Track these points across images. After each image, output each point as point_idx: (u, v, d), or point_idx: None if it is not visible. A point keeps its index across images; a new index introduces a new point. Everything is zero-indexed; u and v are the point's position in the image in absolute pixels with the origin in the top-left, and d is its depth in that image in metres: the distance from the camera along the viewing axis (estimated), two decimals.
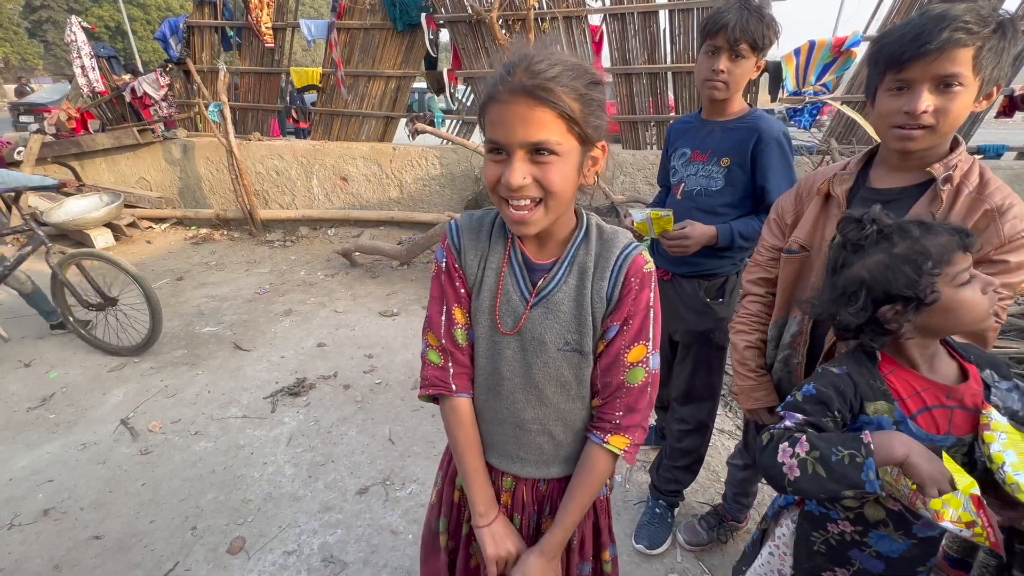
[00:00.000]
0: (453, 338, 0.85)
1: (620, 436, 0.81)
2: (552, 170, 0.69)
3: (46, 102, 10.72)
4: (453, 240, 0.85)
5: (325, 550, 1.71)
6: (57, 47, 27.79)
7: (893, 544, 0.87)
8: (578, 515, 0.85)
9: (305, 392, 2.59)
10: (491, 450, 0.90)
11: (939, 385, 0.82)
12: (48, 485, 2.00)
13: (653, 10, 4.12)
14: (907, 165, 0.96)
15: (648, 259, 0.80)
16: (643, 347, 0.80)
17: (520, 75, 0.66)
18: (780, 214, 1.18)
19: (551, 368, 0.82)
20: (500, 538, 0.86)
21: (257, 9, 5.09)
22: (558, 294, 0.80)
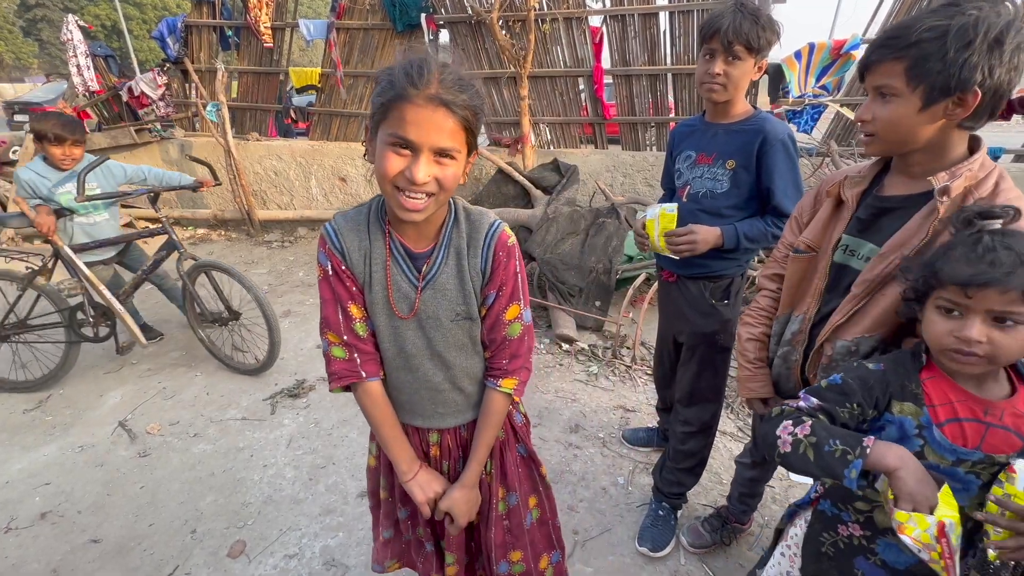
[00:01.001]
0: (354, 332, 0.94)
1: (509, 378, 0.97)
2: (449, 171, 0.80)
3: (41, 101, 10.66)
4: (334, 243, 0.92)
5: (327, 553, 1.70)
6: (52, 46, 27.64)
7: (900, 556, 0.86)
8: (486, 449, 1.01)
9: (305, 394, 2.57)
10: (413, 414, 1.03)
11: (977, 399, 0.80)
12: (45, 488, 1.98)
13: (653, 12, 4.12)
14: (912, 172, 0.96)
15: (510, 234, 0.94)
16: (516, 306, 0.95)
17: (436, 86, 0.75)
18: (799, 213, 1.20)
19: (449, 337, 0.95)
20: (425, 484, 1.00)
21: (256, 9, 5.07)
22: (441, 276, 0.92)
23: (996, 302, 0.73)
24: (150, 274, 2.65)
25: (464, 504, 1.00)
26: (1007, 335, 0.74)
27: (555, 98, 4.68)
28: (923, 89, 0.86)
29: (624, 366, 2.80)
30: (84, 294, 2.49)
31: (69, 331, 2.53)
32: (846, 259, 1.05)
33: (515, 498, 1.09)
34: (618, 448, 2.19)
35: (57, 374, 2.57)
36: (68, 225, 2.51)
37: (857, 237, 1.03)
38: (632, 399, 2.54)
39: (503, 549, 1.10)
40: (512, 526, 1.11)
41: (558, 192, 3.92)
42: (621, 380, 2.70)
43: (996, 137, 4.46)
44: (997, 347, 0.74)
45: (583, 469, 2.07)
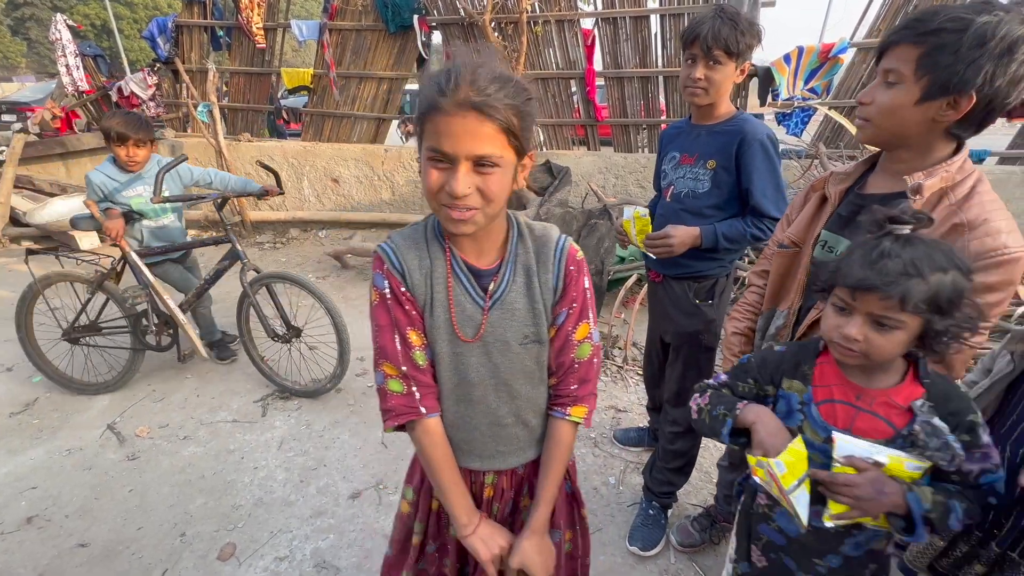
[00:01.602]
0: (413, 362, 0.85)
1: (579, 406, 0.90)
2: (492, 180, 0.73)
3: (29, 101, 10.53)
4: (393, 264, 0.84)
5: (317, 556, 1.69)
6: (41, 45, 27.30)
7: (790, 524, 0.94)
8: (556, 487, 0.92)
9: (296, 396, 2.56)
10: (469, 455, 0.93)
11: (852, 384, 0.86)
12: (32, 492, 1.95)
13: (644, 15, 4.15)
14: (894, 169, 0.97)
15: (578, 248, 0.89)
16: (587, 325, 0.88)
17: (466, 90, 0.69)
18: (790, 210, 1.22)
19: (516, 363, 0.87)
20: (489, 538, 0.89)
21: (248, 9, 5.05)
22: (510, 294, 0.85)
23: (876, 307, 0.77)
24: (212, 284, 2.53)
25: (539, 555, 0.89)
26: (882, 336, 0.78)
27: (547, 100, 4.70)
28: (926, 81, 0.85)
29: (616, 366, 2.82)
30: (148, 302, 2.44)
31: (134, 337, 2.50)
32: (824, 255, 1.06)
33: (557, 535, 1.01)
34: (609, 448, 2.20)
35: (123, 379, 2.54)
36: (136, 227, 2.45)
37: (836, 233, 1.05)
38: (623, 399, 2.55)
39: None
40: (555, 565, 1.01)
41: (550, 193, 3.93)
42: (613, 380, 2.71)
43: (981, 140, 4.54)
44: (871, 346, 0.79)
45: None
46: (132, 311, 2.44)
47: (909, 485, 0.78)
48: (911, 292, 0.73)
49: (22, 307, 2.50)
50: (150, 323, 2.48)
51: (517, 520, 0.99)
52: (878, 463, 0.78)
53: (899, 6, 3.65)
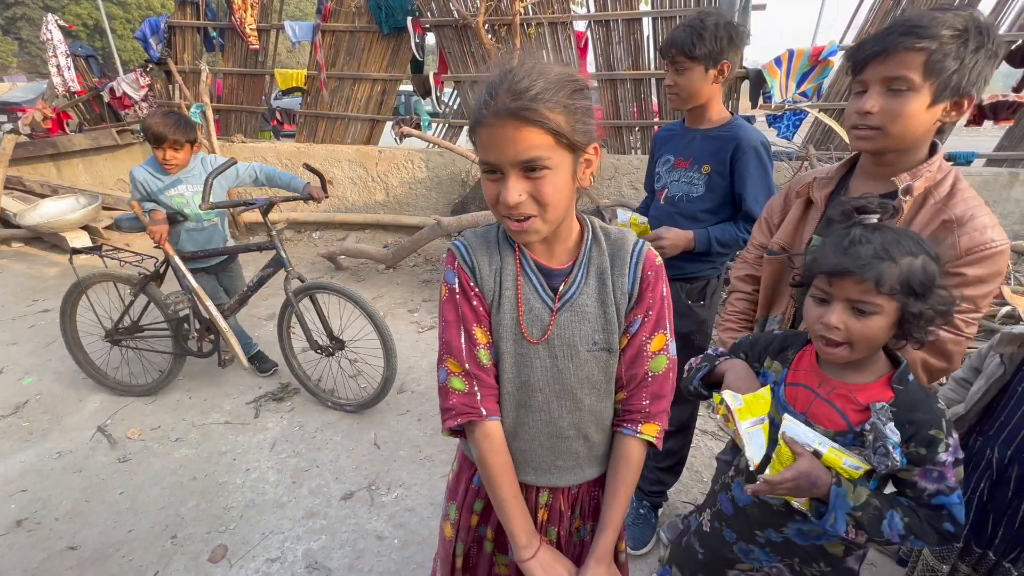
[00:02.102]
0: (477, 360, 0.81)
1: (651, 424, 0.83)
2: (545, 184, 0.70)
3: (20, 101, 10.45)
4: (465, 259, 0.83)
5: (309, 556, 1.69)
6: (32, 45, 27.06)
7: (742, 495, 0.98)
8: (623, 512, 0.85)
9: (289, 397, 2.56)
10: (525, 467, 0.88)
11: (819, 373, 0.89)
12: (21, 495, 1.94)
13: (637, 17, 4.18)
14: (880, 172, 0.98)
15: (657, 253, 0.84)
16: (663, 335, 0.83)
17: (503, 97, 0.67)
18: (769, 214, 1.22)
19: (582, 371, 0.82)
20: (549, 566, 0.82)
21: (241, 10, 5.04)
22: (581, 296, 0.81)
23: (853, 291, 0.78)
24: (255, 291, 2.45)
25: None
26: (861, 323, 0.79)
27: None
28: (934, 86, 0.85)
29: None
30: (191, 306, 2.40)
31: (175, 342, 2.46)
32: None
33: None
34: None
35: (164, 382, 2.52)
36: (175, 228, 2.36)
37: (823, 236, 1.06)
38: None
39: None
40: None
41: None
42: None
43: (969, 141, 4.59)
44: (852, 334, 0.80)
45: None
46: (174, 315, 2.40)
47: (838, 479, 0.80)
48: (884, 274, 0.76)
49: (66, 305, 2.49)
50: (191, 328, 2.44)
51: (569, 546, 0.93)
52: (817, 452, 0.81)
53: (888, 9, 3.69)
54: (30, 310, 3.55)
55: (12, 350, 2.99)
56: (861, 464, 0.80)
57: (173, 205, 2.31)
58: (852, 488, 0.80)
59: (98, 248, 2.36)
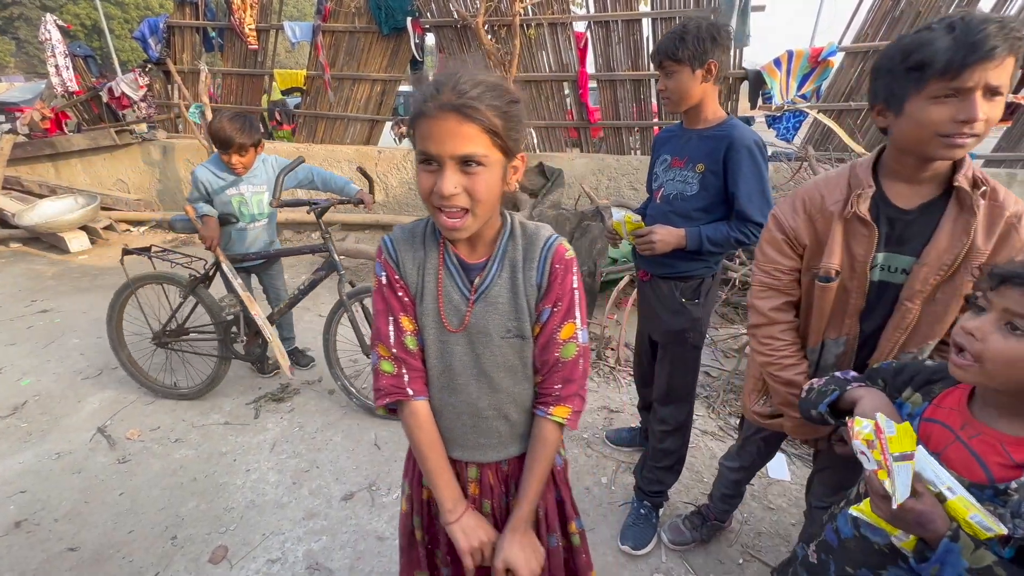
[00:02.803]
0: (404, 345, 0.89)
1: (561, 406, 0.90)
2: (479, 180, 0.76)
3: (18, 101, 10.41)
4: (390, 254, 0.90)
5: (310, 557, 1.69)
6: (30, 44, 26.99)
7: (846, 526, 0.91)
8: (539, 485, 0.92)
9: (289, 398, 2.56)
10: (452, 444, 0.95)
11: (964, 414, 0.78)
12: (20, 496, 1.94)
13: (636, 18, 4.19)
14: (923, 177, 0.95)
15: (568, 247, 0.89)
16: (572, 324, 0.89)
17: (448, 94, 0.73)
18: (792, 234, 1.10)
19: (498, 356, 0.89)
20: (471, 530, 0.90)
21: (240, 10, 5.03)
22: (495, 288, 0.88)
23: (1015, 303, 0.69)
24: (306, 294, 2.41)
25: (521, 552, 0.89)
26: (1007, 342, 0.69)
27: (540, 102, 4.72)
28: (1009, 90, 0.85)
29: (608, 367, 2.83)
30: (240, 310, 2.39)
31: (222, 345, 2.44)
32: (887, 276, 1.02)
33: (555, 539, 1.02)
34: (601, 448, 2.21)
35: (208, 386, 2.49)
36: (227, 230, 2.36)
37: (889, 252, 1.01)
38: (616, 400, 2.57)
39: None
40: (552, 567, 1.01)
41: (544, 195, 3.95)
42: (605, 381, 2.73)
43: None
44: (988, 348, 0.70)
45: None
46: (222, 319, 2.39)
47: (956, 532, 0.68)
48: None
49: (114, 306, 2.48)
50: (240, 332, 2.43)
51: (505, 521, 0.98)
52: (941, 495, 0.70)
53: (887, 11, 3.71)
54: (28, 310, 3.54)
55: (10, 351, 2.99)
56: (994, 526, 0.67)
57: (231, 205, 2.31)
58: (972, 548, 0.67)
59: (148, 249, 2.34)
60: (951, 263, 0.94)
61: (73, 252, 4.68)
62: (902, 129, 0.92)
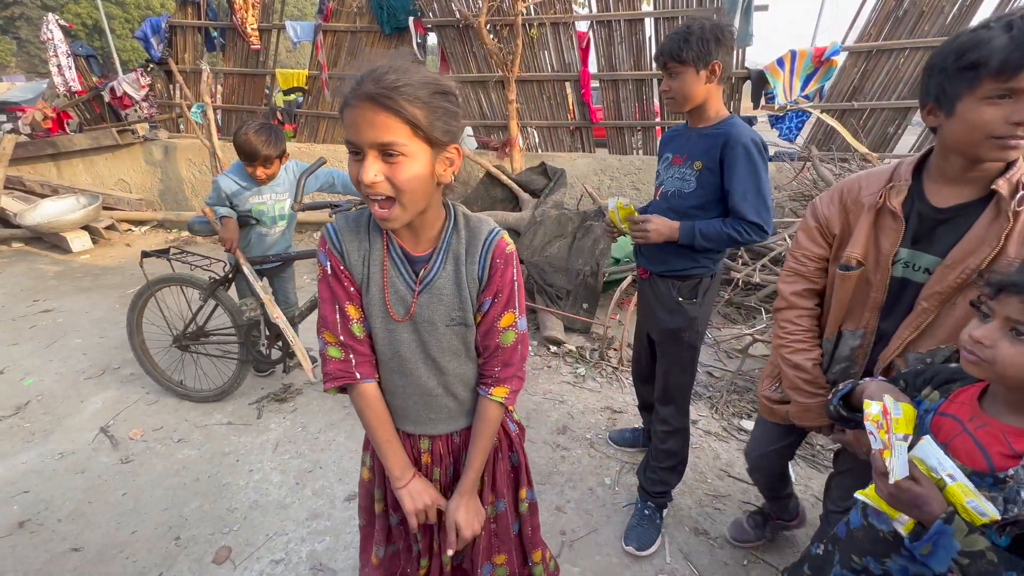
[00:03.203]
0: (351, 332, 0.93)
1: (501, 387, 0.97)
2: (400, 169, 0.77)
3: (20, 101, 10.42)
4: (334, 244, 0.92)
5: (314, 558, 1.69)
6: (31, 44, 27.01)
7: (856, 516, 0.93)
8: (482, 456, 1.00)
9: (292, 398, 2.55)
10: (405, 420, 1.01)
11: (974, 407, 0.80)
12: (23, 496, 1.94)
13: (639, 18, 4.18)
14: (971, 178, 0.93)
15: (509, 242, 0.93)
16: (511, 314, 0.94)
17: (368, 84, 0.75)
18: (824, 223, 1.12)
19: (443, 342, 0.94)
20: (417, 493, 0.98)
21: (242, 10, 5.03)
22: (439, 280, 0.91)
23: (1016, 310, 0.71)
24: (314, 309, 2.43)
25: (464, 513, 0.99)
26: (1015, 347, 0.71)
27: (543, 102, 4.72)
28: None
29: (611, 367, 2.83)
30: (261, 313, 2.36)
31: (243, 348, 2.41)
32: (907, 273, 1.02)
33: (503, 504, 1.10)
34: (605, 449, 2.21)
35: (229, 389, 2.48)
36: (247, 233, 2.36)
37: (914, 249, 1.00)
38: (619, 400, 2.56)
39: (488, 552, 1.09)
40: (499, 530, 1.11)
41: (546, 195, 3.95)
42: (608, 381, 2.73)
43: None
44: (998, 354, 0.72)
45: (571, 470, 2.09)
46: (244, 322, 2.37)
47: (950, 515, 0.71)
48: None
49: (134, 308, 2.47)
50: (261, 335, 2.42)
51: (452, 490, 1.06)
52: (942, 481, 0.72)
53: (890, 10, 3.70)
54: (30, 310, 3.54)
55: (13, 350, 2.99)
56: (988, 511, 0.70)
57: (252, 211, 2.30)
58: (965, 531, 0.70)
59: (166, 251, 2.33)
60: (975, 267, 0.91)
61: (75, 252, 4.68)
62: (953, 130, 0.90)
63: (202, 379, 2.56)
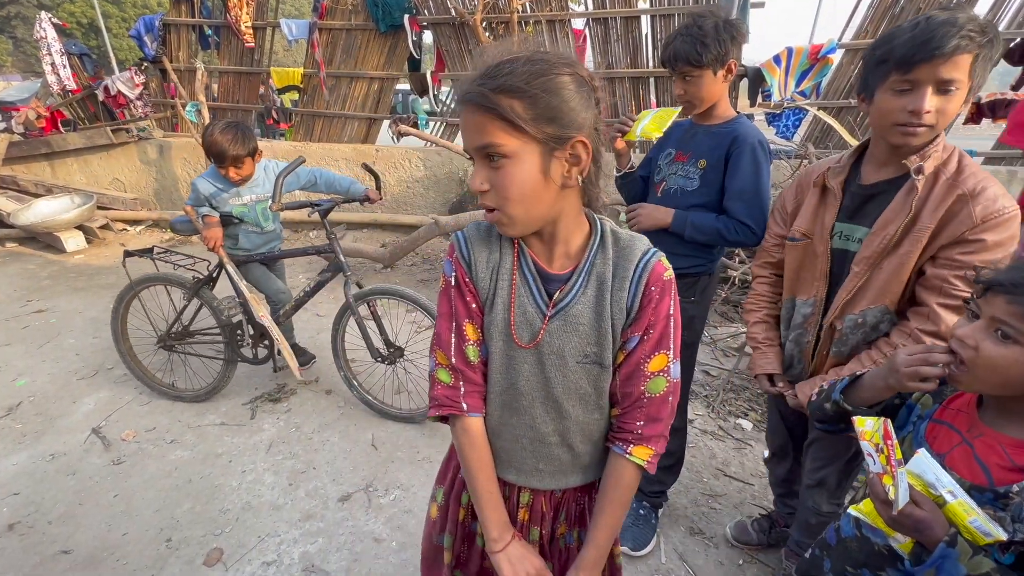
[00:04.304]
0: (464, 355, 0.82)
1: (643, 447, 0.79)
2: (503, 175, 0.69)
3: (14, 100, 10.36)
4: (462, 252, 0.81)
5: (306, 559, 1.67)
6: (26, 43, 26.88)
7: (848, 525, 0.92)
8: (611, 531, 0.83)
9: (286, 398, 2.54)
10: (508, 466, 0.88)
11: (971, 416, 0.78)
12: (14, 498, 1.92)
13: (635, 15, 4.16)
14: (893, 159, 1.04)
15: (668, 266, 0.78)
16: (664, 356, 0.78)
17: (468, 83, 0.68)
18: (783, 204, 1.28)
19: (570, 381, 0.80)
20: (517, 560, 0.82)
21: (236, 8, 5.00)
22: (576, 306, 0.77)
23: (1002, 310, 0.69)
24: (312, 296, 2.38)
25: None
26: (997, 349, 0.70)
27: None
28: (971, 86, 0.92)
29: None
30: (244, 313, 2.35)
31: (228, 348, 2.39)
32: (844, 244, 1.14)
33: None
34: None
35: (215, 388, 2.46)
36: (231, 229, 2.32)
37: (849, 223, 1.13)
38: None
39: None
40: None
41: None
42: None
43: (967, 141, 4.59)
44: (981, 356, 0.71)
45: None
46: (228, 321, 2.35)
47: (953, 538, 0.67)
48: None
49: (118, 308, 2.45)
50: (245, 334, 2.40)
51: (554, 551, 0.93)
52: (941, 499, 0.69)
53: (887, 7, 3.69)
54: (24, 311, 3.52)
55: (5, 351, 2.96)
56: (993, 531, 0.66)
57: (234, 213, 2.27)
58: (969, 554, 0.66)
59: (150, 251, 2.31)
60: (894, 233, 1.03)
61: (69, 251, 4.66)
62: (872, 115, 1.03)
63: (192, 378, 2.54)
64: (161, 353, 2.54)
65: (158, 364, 2.57)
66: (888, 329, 1.10)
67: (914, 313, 1.06)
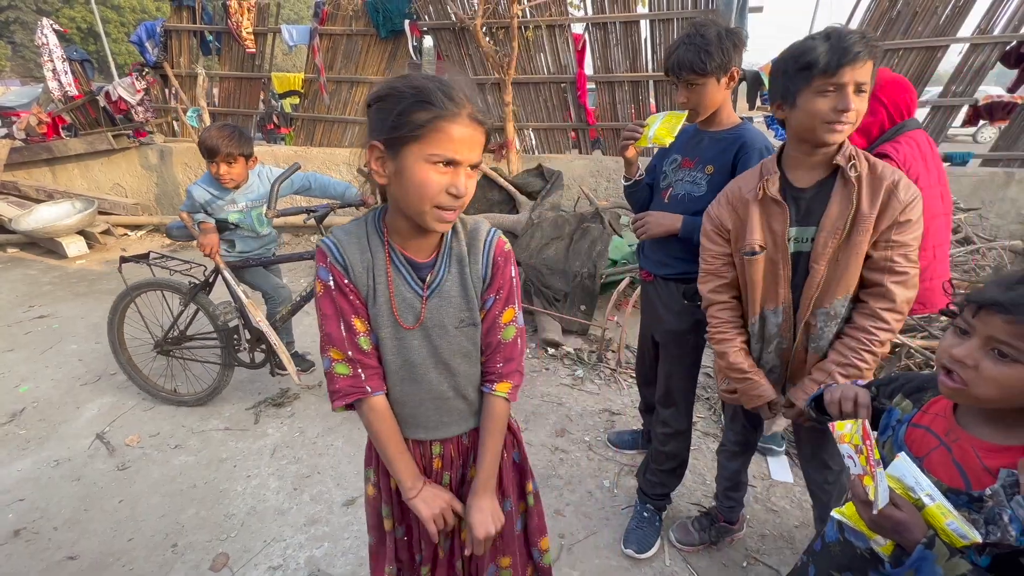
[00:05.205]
0: (358, 346, 0.93)
1: (504, 382, 0.99)
2: (473, 183, 0.86)
3: (15, 105, 10.39)
4: (336, 257, 0.91)
5: (312, 564, 1.68)
6: (26, 48, 26.91)
7: (832, 530, 0.93)
8: (494, 454, 1.00)
9: (289, 402, 2.54)
10: (416, 427, 1.01)
11: (950, 420, 0.79)
12: (19, 504, 1.92)
13: (634, 20, 4.19)
14: (818, 162, 1.15)
15: (506, 240, 0.98)
16: (512, 309, 0.98)
17: (470, 106, 0.80)
18: (718, 224, 1.29)
19: (454, 344, 0.95)
20: (431, 499, 0.97)
21: (237, 14, 5.03)
22: (446, 284, 0.93)
23: (999, 330, 0.69)
24: (308, 300, 2.37)
25: (478, 513, 0.97)
26: (998, 368, 0.69)
27: (539, 104, 4.72)
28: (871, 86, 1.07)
29: (609, 369, 2.83)
30: (240, 318, 2.35)
31: (225, 353, 2.40)
32: (798, 247, 1.20)
33: (508, 504, 1.09)
34: (604, 451, 2.21)
35: (213, 393, 2.46)
36: (227, 234, 2.34)
37: (799, 226, 1.20)
38: (617, 402, 2.56)
39: (493, 554, 1.08)
40: (504, 531, 1.07)
41: (543, 197, 3.94)
42: (606, 383, 2.72)
43: (966, 144, 4.61)
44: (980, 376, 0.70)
45: (569, 473, 2.08)
46: (224, 326, 2.36)
47: (931, 540, 0.69)
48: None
49: (114, 314, 2.46)
50: (242, 339, 2.41)
51: (467, 490, 1.05)
52: (920, 502, 0.70)
53: (884, 11, 3.72)
54: (26, 316, 3.52)
55: (8, 357, 2.97)
56: (969, 533, 0.67)
57: (229, 220, 2.27)
58: (946, 556, 0.67)
59: (146, 256, 2.31)
60: (843, 226, 1.12)
61: (71, 257, 4.66)
62: (797, 118, 1.11)
63: (193, 383, 2.55)
64: (161, 359, 2.54)
65: (159, 370, 2.57)
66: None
67: (869, 294, 1.17)
